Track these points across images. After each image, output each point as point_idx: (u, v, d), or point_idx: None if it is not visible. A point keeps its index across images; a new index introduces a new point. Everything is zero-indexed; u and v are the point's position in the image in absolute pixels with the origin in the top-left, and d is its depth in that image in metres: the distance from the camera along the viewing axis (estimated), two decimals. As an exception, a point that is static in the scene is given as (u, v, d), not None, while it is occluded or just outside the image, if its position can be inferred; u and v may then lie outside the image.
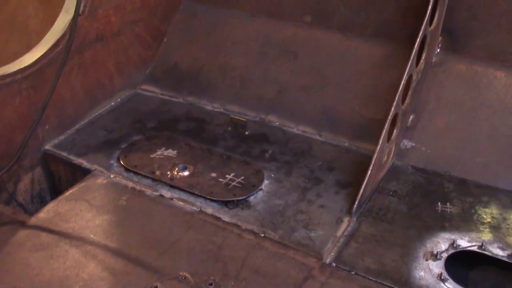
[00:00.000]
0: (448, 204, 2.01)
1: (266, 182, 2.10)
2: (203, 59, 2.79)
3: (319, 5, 2.63)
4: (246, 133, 2.42)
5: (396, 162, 2.25)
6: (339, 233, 1.87)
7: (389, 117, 2.05)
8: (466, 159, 2.19)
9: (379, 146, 2.01)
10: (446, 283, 1.67)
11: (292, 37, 2.68)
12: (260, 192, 2.05)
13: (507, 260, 1.77)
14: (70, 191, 2.05)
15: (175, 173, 2.12)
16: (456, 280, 1.71)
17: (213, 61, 2.77)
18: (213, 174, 2.12)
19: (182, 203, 2.00)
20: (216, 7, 2.88)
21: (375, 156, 2.01)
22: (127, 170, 2.15)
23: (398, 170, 2.21)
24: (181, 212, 1.96)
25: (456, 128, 2.28)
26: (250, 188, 2.04)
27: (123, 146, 2.30)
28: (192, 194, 2.03)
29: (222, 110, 2.60)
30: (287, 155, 2.28)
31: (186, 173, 2.12)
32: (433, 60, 2.41)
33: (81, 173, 2.17)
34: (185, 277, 1.69)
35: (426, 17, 2.19)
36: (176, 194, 2.04)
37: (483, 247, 1.81)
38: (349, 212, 1.96)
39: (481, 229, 1.89)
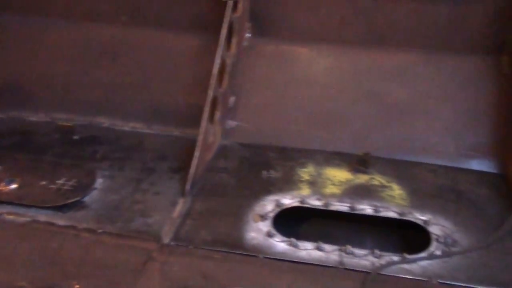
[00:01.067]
0: (271, 171, 2.21)
1: (99, 180, 2.12)
2: (21, 71, 2.70)
3: (133, 4, 2.69)
4: (75, 137, 2.41)
5: (224, 142, 2.41)
6: (175, 214, 1.97)
7: (207, 101, 2.19)
8: (284, 129, 2.43)
9: (201, 128, 2.15)
10: (274, 238, 1.86)
11: (110, 38, 2.71)
12: (95, 191, 2.07)
13: (323, 208, 2.01)
14: None
15: (2, 188, 2.04)
16: (286, 234, 1.90)
17: (32, 72, 2.70)
18: (43, 182, 2.08)
19: (12, 217, 1.94)
20: (29, 16, 2.79)
21: (199, 138, 2.14)
22: None
23: (226, 149, 2.37)
24: (12, 226, 1.90)
25: (272, 103, 2.50)
26: (83, 189, 2.05)
27: None
28: (23, 205, 1.97)
29: (47, 119, 2.55)
30: (118, 152, 2.32)
31: (13, 186, 2.06)
32: (245, 44, 2.61)
33: None
34: (23, 287, 1.66)
35: (229, 6, 2.37)
36: (4, 209, 1.96)
37: (303, 202, 2.03)
38: (183, 193, 2.06)
39: (301, 186, 2.12)
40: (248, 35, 2.64)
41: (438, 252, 1.81)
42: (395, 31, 2.52)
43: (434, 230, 1.90)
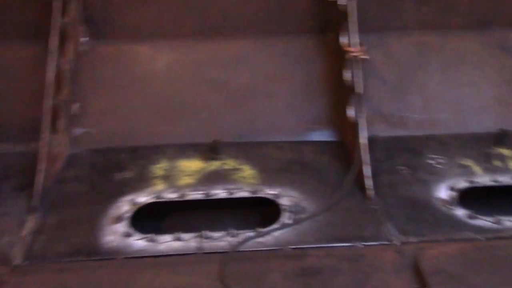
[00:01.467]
0: (124, 172, 2.20)
1: None
2: None
3: None
4: None
5: (73, 150, 2.34)
6: (24, 233, 1.88)
7: (45, 111, 2.12)
8: (133, 129, 2.42)
9: (43, 140, 2.08)
10: (131, 237, 1.86)
11: None
12: None
13: (180, 199, 2.05)
14: None
15: None
16: (146, 232, 1.90)
17: None
18: None
19: None
20: None
21: (42, 151, 2.06)
22: None
23: (76, 157, 2.30)
24: None
25: (118, 105, 2.47)
26: None
27: None
28: None
29: None
30: (-46, 178, 2.15)
31: None
32: (83, 49, 2.55)
33: None
34: None
35: (57, 11, 2.30)
36: None
37: (159, 197, 2.05)
38: (30, 210, 1.98)
39: (155, 182, 2.14)
40: (84, 39, 2.57)
41: (289, 221, 1.94)
42: (229, 21, 2.62)
43: (284, 201, 2.04)
